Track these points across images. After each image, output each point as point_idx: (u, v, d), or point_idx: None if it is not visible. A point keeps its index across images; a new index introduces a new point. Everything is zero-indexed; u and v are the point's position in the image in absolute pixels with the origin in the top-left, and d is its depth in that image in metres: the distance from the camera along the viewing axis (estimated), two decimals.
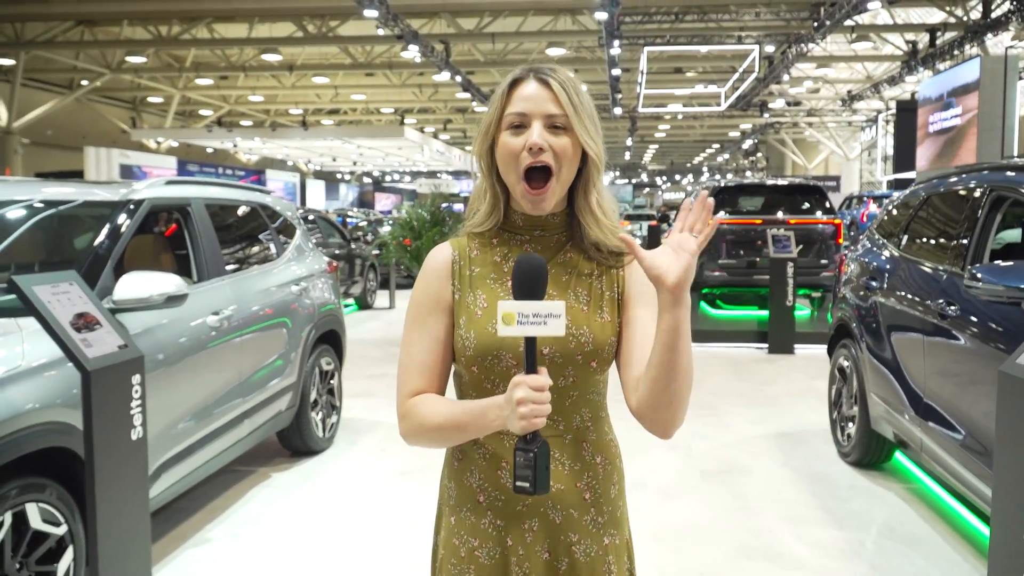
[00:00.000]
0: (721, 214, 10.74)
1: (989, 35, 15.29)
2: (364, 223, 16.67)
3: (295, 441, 4.99)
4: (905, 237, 4.49)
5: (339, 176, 49.22)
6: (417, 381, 1.51)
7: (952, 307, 3.60)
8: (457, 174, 42.83)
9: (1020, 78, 16.06)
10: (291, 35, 20.45)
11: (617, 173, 46.09)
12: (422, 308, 1.53)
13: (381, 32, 17.96)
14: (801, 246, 9.50)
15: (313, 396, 5.02)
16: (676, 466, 4.85)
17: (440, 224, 8.63)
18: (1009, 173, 3.62)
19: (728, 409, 6.17)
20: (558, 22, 20.82)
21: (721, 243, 10.52)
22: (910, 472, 4.70)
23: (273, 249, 4.92)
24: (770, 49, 19.96)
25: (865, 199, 20.13)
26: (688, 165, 49.49)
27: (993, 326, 3.26)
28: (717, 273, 10.57)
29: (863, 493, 4.40)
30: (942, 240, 4.08)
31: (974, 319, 3.41)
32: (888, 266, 4.50)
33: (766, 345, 8.35)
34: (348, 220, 17.39)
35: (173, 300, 3.37)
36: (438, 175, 45.11)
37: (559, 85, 1.44)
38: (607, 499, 1.51)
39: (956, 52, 16.80)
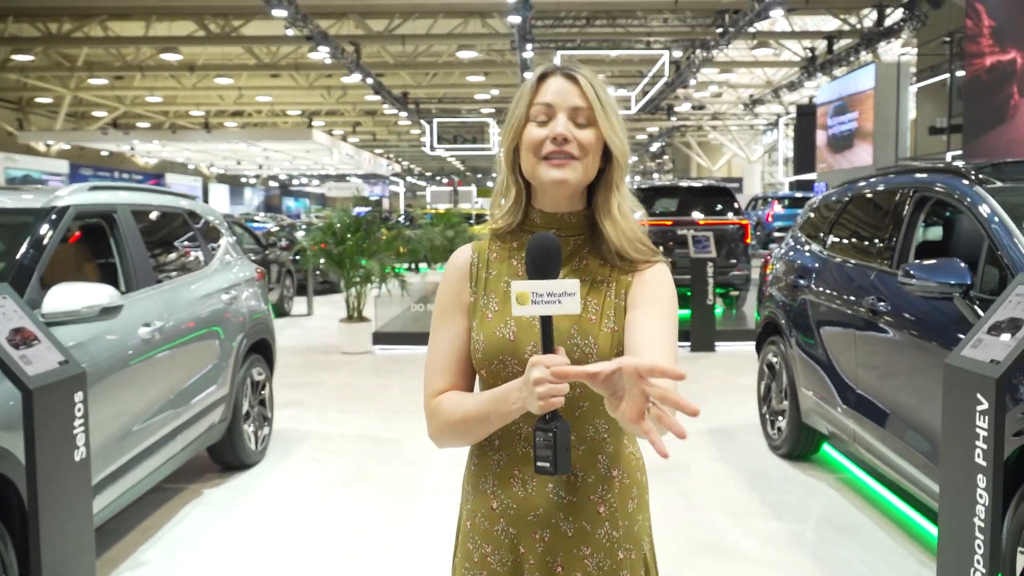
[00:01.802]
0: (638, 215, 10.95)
1: (882, 42, 16.05)
2: (276, 228, 16.24)
3: (227, 455, 4.81)
4: (831, 237, 4.66)
5: (244, 180, 47.94)
6: (440, 381, 1.51)
7: (883, 303, 3.76)
8: (367, 177, 42.33)
9: (912, 84, 16.95)
10: (192, 34, 19.75)
11: None
12: (444, 309, 1.54)
13: (290, 33, 17.57)
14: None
15: (245, 408, 4.86)
16: None
17: (363, 228, 8.48)
18: (933, 175, 3.80)
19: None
20: (468, 25, 20.79)
21: None
22: (838, 463, 4.89)
23: (201, 256, 4.73)
24: (677, 54, 20.45)
25: (770, 200, 20.86)
26: None
27: (926, 320, 3.42)
28: None
29: (797, 485, 4.55)
30: (869, 239, 4.26)
31: (906, 314, 3.57)
32: (815, 264, 4.67)
33: (688, 344, 8.54)
34: (255, 225, 16.93)
35: (107, 312, 3.20)
36: (347, 178, 44.46)
37: (586, 81, 1.46)
38: (623, 513, 1.48)
39: (852, 59, 17.59)
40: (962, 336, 3.10)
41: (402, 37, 20.62)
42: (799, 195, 19.18)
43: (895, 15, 15.70)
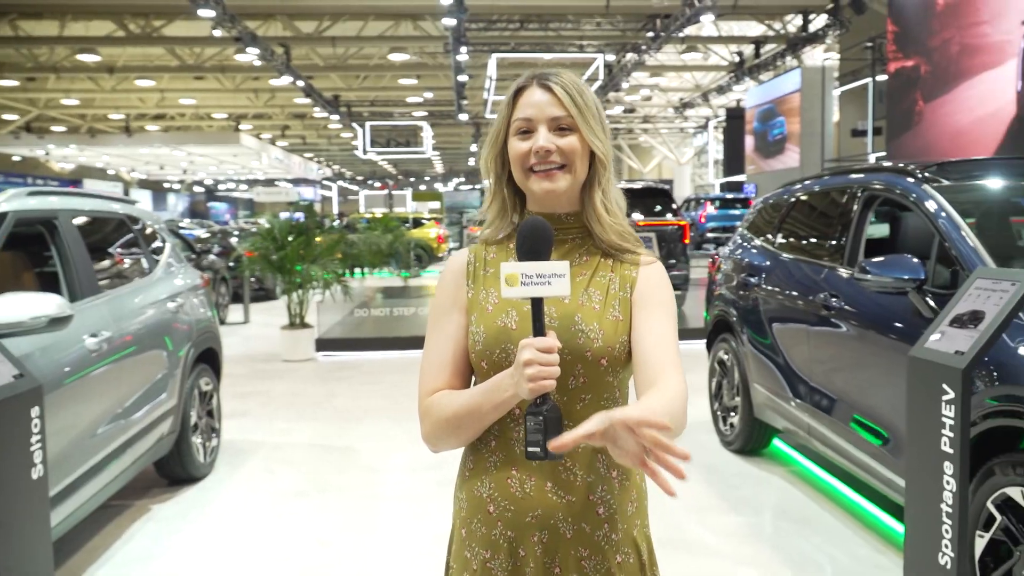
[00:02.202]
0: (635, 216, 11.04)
1: (807, 48, 16.54)
2: (207, 234, 15.82)
3: (175, 469, 4.65)
4: (780, 236, 4.77)
5: (167, 185, 46.63)
6: (435, 380, 1.51)
7: (836, 299, 3.86)
8: (297, 182, 41.58)
9: (835, 88, 17.51)
10: (111, 34, 19.06)
11: (462, 179, 46.27)
12: (440, 309, 1.55)
13: (218, 34, 17.15)
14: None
15: (193, 419, 4.71)
16: None
17: (304, 234, 8.32)
18: (882, 175, 3.92)
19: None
20: (399, 27, 20.63)
21: None
22: (789, 456, 5.00)
23: (146, 264, 4.57)
24: (610, 58, 20.70)
25: (702, 201, 21.27)
26: None
27: (881, 315, 3.52)
28: None
29: (751, 479, 4.64)
30: (819, 237, 4.37)
31: (860, 309, 3.67)
32: (766, 263, 4.77)
33: None
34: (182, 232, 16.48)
35: (56, 323, 3.05)
36: (276, 183, 43.62)
37: (561, 88, 1.47)
38: (623, 516, 1.47)
39: (778, 63, 18.07)
40: (917, 329, 3.22)
41: (332, 39, 20.36)
42: (730, 196, 19.67)
43: (819, 21, 16.20)
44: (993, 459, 2.74)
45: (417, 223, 20.30)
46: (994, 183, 3.74)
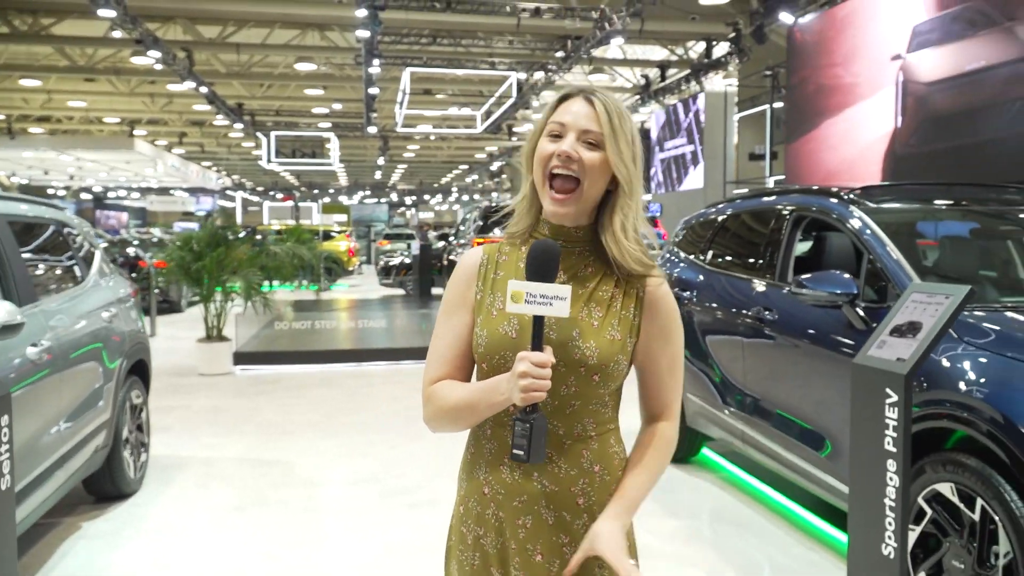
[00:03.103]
0: (496, 232, 11.18)
1: (710, 73, 17.24)
2: (104, 245, 15.18)
3: (104, 484, 4.50)
4: (710, 252, 5.01)
5: (51, 192, 44.29)
6: (439, 370, 1.60)
7: (769, 312, 4.10)
8: (194, 191, 40.22)
9: (735, 113, 18.30)
10: None
11: (368, 192, 45.81)
12: (450, 305, 1.63)
13: (117, 35, 16.53)
14: None
15: (125, 433, 4.56)
16: None
17: (223, 244, 8.14)
18: (811, 197, 4.20)
19: None
20: (306, 37, 20.37)
21: None
22: (718, 464, 5.23)
23: (79, 272, 4.42)
24: (522, 76, 21.04)
25: None
26: (436, 185, 50.60)
27: (815, 327, 3.77)
28: None
29: (685, 485, 4.83)
30: (751, 255, 4.62)
31: (794, 322, 3.91)
32: (698, 279, 5.00)
33: None
34: None
35: (6, 331, 2.94)
36: (171, 192, 42.10)
37: (602, 105, 1.53)
38: (601, 507, 1.54)
39: (683, 87, 18.76)
40: (850, 340, 3.47)
41: (236, 46, 19.91)
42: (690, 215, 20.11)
43: (721, 48, 16.92)
44: (923, 459, 2.99)
45: (327, 236, 20.01)
46: (911, 205, 4.07)
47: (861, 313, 3.47)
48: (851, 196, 3.93)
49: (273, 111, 28.92)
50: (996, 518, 2.68)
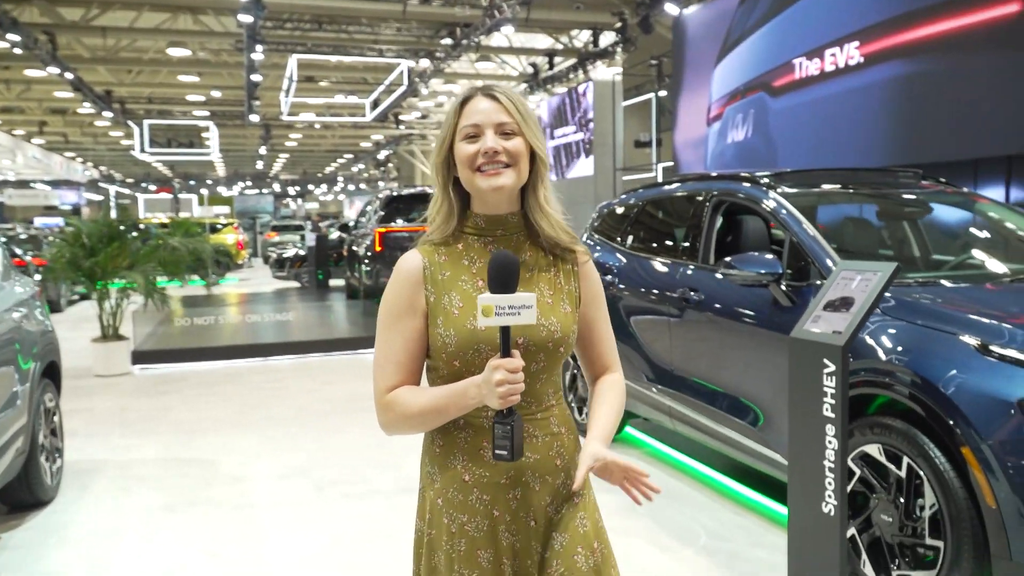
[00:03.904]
0: (400, 221, 11.13)
1: (598, 63, 17.63)
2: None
3: (21, 492, 4.27)
4: (630, 237, 5.20)
5: None
6: (394, 377, 1.65)
7: (694, 293, 4.31)
8: (57, 184, 37.78)
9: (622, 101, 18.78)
10: None
11: (249, 183, 44.24)
12: (396, 312, 1.66)
13: None
14: None
15: (40, 438, 4.34)
16: None
17: (119, 239, 7.77)
18: (731, 182, 4.43)
19: None
20: (177, 20, 19.50)
21: (396, 250, 10.89)
22: (641, 440, 5.45)
23: None
24: (411, 64, 20.88)
25: None
26: (320, 175, 49.42)
27: (743, 305, 3.99)
28: None
29: None
30: (673, 239, 4.82)
31: (721, 302, 4.13)
32: (618, 263, 5.17)
33: None
34: None
35: None
36: (32, 184, 39.43)
37: (506, 98, 1.64)
38: (573, 464, 1.70)
39: (571, 76, 19.09)
40: (776, 316, 3.71)
41: (102, 29, 18.84)
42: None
43: (608, 37, 17.33)
44: (851, 423, 3.24)
45: (213, 229, 19.31)
46: (820, 189, 4.36)
47: (785, 290, 3.71)
48: (768, 181, 4.17)
49: (145, 98, 27.55)
50: (921, 474, 2.94)
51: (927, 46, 9.31)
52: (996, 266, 4.03)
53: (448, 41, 19.25)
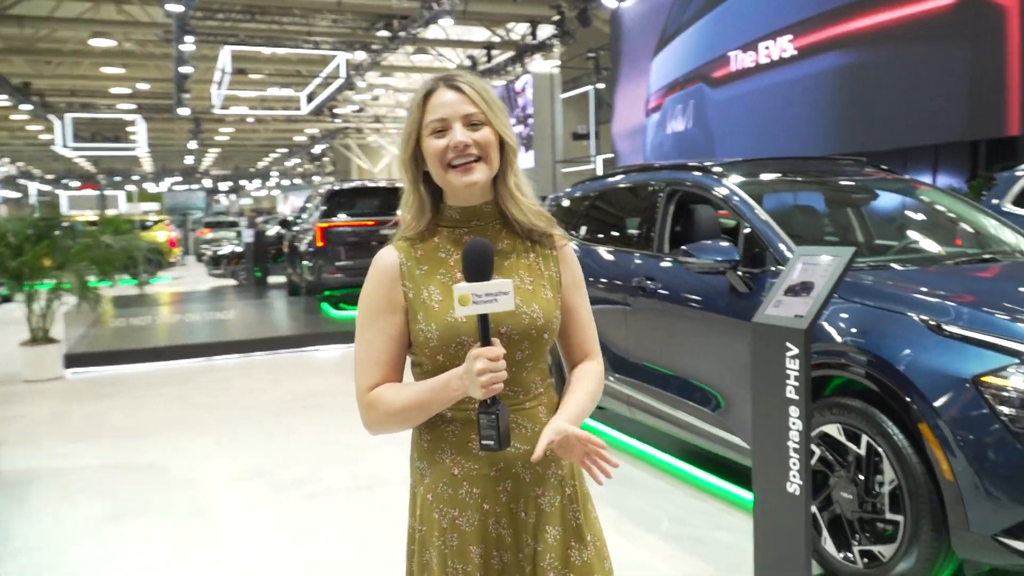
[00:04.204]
0: (343, 216, 10.97)
1: (537, 56, 17.67)
2: None
3: None
4: (583, 228, 5.22)
5: None
6: (375, 375, 1.62)
7: (651, 282, 4.35)
8: None
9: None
10: None
11: (178, 178, 42.95)
12: (375, 309, 1.64)
13: None
14: None
15: None
16: (403, 457, 5.00)
17: (47, 237, 7.47)
18: (684, 172, 4.48)
19: None
20: (100, 10, 18.83)
21: (339, 245, 10.75)
22: (596, 430, 5.48)
23: None
24: (348, 56, 20.59)
25: None
26: (253, 169, 48.31)
27: (701, 293, 4.04)
28: (337, 275, 10.76)
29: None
30: (628, 229, 4.85)
31: (678, 290, 4.17)
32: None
33: None
34: None
35: None
36: None
37: (470, 87, 1.60)
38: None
39: (509, 69, 19.09)
40: (734, 303, 3.77)
41: (19, 18, 18.07)
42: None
43: (547, 30, 17.38)
44: (811, 404, 3.31)
45: (143, 226, 18.74)
46: (773, 178, 4.44)
47: (742, 277, 3.77)
48: (721, 170, 4.23)
49: (66, 91, 26.54)
50: (880, 451, 3.03)
51: (863, 38, 9.58)
52: (938, 250, 4.17)
53: (385, 33, 19.01)
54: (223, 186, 44.97)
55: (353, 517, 4.11)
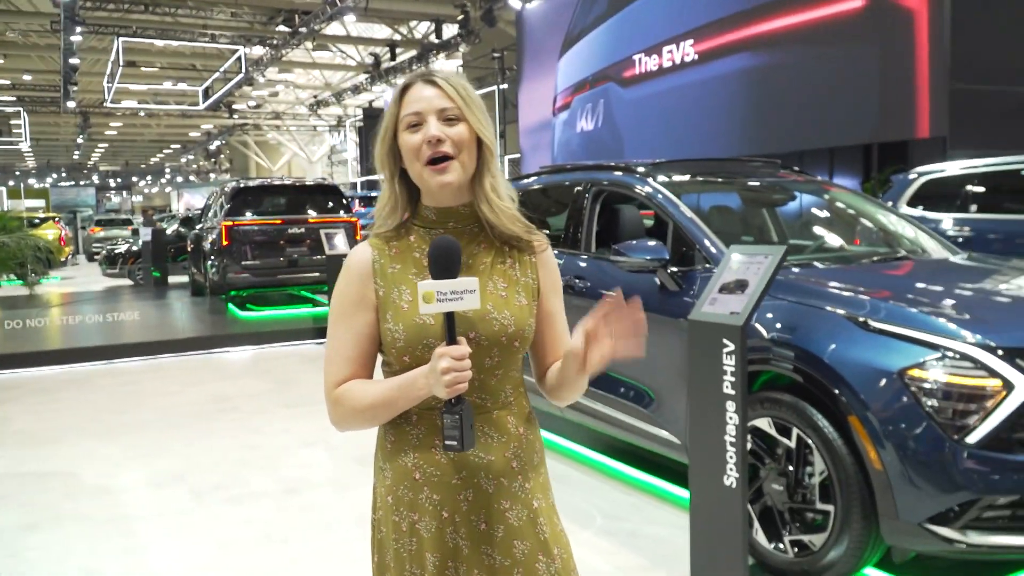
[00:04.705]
0: (249, 215, 10.67)
1: (441, 55, 17.62)
2: None
3: None
4: None
5: None
6: (344, 372, 1.59)
7: (579, 280, 4.41)
8: None
9: None
10: None
11: (64, 174, 40.60)
12: (346, 306, 1.61)
13: None
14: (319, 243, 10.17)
15: None
16: (328, 459, 4.93)
17: None
18: (609, 172, 4.56)
19: None
20: None
21: (245, 245, 10.45)
22: None
23: None
24: (248, 51, 20.03)
25: (354, 199, 21.48)
26: (144, 166, 46.18)
27: (630, 291, 4.10)
28: (243, 275, 10.47)
29: None
30: (554, 228, 4.90)
31: (606, 288, 4.25)
32: None
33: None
34: None
35: None
36: None
37: (446, 82, 1.58)
38: (531, 466, 1.65)
39: (413, 67, 18.98)
40: (664, 301, 3.86)
41: None
42: (374, 195, 20.12)
43: (452, 29, 17.36)
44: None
45: (31, 223, 17.70)
46: (697, 179, 4.58)
47: (672, 276, 3.87)
48: (646, 171, 4.34)
49: None
50: (810, 443, 3.17)
51: (770, 41, 9.93)
52: (854, 249, 4.39)
53: (284, 28, 18.58)
54: (113, 182, 42.92)
55: (281, 521, 4.01)
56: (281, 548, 3.73)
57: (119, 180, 44.17)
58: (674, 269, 3.90)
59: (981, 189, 7.05)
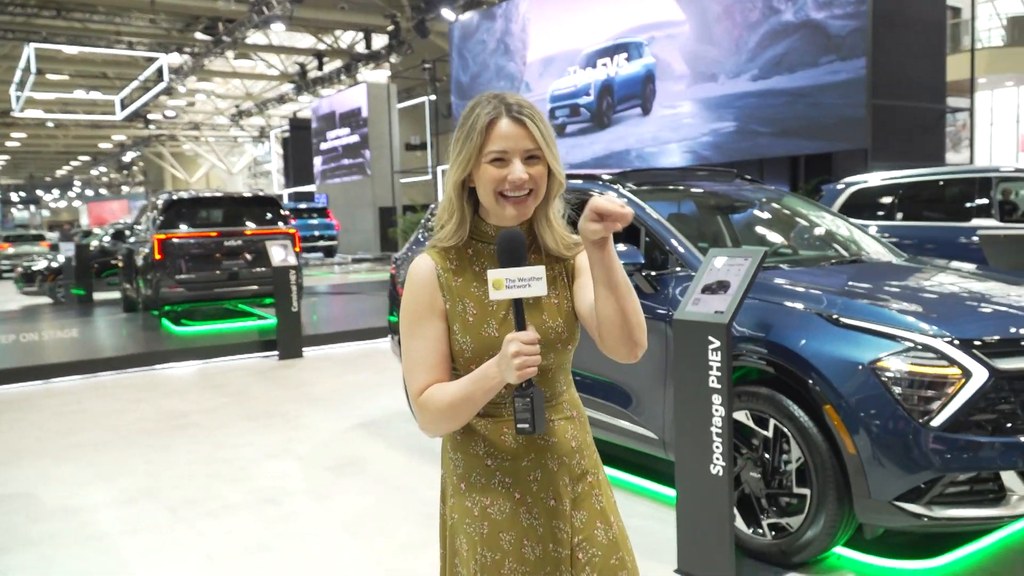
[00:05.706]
0: (184, 227, 10.45)
1: (371, 66, 17.59)
2: None
3: None
4: None
5: None
6: (425, 378, 1.69)
7: None
8: None
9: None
10: None
11: None
12: (420, 315, 1.71)
13: None
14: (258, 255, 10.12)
15: None
16: (299, 469, 4.92)
17: None
18: (580, 181, 4.72)
19: (298, 412, 6.31)
20: None
21: (179, 258, 10.24)
22: None
23: None
24: (168, 60, 19.54)
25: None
26: (50, 179, 44.12)
27: None
28: (178, 289, 10.25)
29: None
30: None
31: None
32: None
33: (275, 352, 8.55)
34: None
35: None
36: None
37: (531, 122, 1.66)
38: (586, 444, 1.81)
39: (342, 78, 18.88)
40: (642, 303, 4.03)
41: None
42: (304, 206, 19.86)
43: (381, 40, 17.35)
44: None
45: None
46: (662, 187, 4.78)
47: (647, 279, 4.05)
48: (611, 179, 4.52)
49: None
50: (787, 432, 3.38)
51: None
52: (810, 251, 4.67)
53: (204, 36, 18.22)
54: (15, 196, 40.90)
55: (263, 531, 4.00)
56: (269, 557, 3.73)
57: (23, 194, 42.11)
58: (651, 273, 4.08)
59: (902, 198, 7.55)
